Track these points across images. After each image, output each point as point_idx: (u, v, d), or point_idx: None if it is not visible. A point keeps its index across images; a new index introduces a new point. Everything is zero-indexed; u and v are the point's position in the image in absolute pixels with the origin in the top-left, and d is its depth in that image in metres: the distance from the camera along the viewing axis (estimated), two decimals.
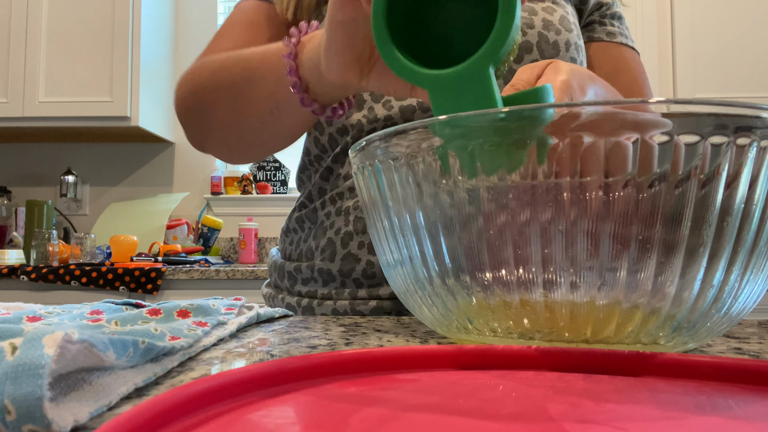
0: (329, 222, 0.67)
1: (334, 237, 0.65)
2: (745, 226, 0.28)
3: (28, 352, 0.19)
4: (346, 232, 0.64)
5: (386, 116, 0.64)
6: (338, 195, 0.67)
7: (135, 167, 2.74)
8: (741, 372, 0.25)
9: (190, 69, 0.64)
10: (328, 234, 0.66)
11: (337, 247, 0.65)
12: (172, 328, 0.34)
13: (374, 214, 0.36)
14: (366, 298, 0.64)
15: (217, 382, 0.21)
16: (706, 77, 2.40)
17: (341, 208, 0.66)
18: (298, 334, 0.42)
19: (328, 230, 0.66)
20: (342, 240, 0.65)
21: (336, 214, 0.66)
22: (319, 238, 0.68)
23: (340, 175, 0.68)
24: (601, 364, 0.27)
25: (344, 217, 0.65)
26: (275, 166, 2.70)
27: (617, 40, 0.75)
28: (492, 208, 0.29)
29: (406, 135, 0.31)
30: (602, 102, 0.27)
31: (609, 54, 0.75)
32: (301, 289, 0.69)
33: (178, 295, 2.01)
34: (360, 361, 0.26)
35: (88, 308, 0.43)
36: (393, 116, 0.64)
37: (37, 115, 2.33)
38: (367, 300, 0.64)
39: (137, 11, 2.37)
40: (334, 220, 0.66)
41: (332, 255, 0.65)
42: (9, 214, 2.55)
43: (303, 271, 0.68)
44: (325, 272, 0.66)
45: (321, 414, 0.20)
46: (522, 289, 0.29)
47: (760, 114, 0.26)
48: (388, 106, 0.65)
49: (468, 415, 0.20)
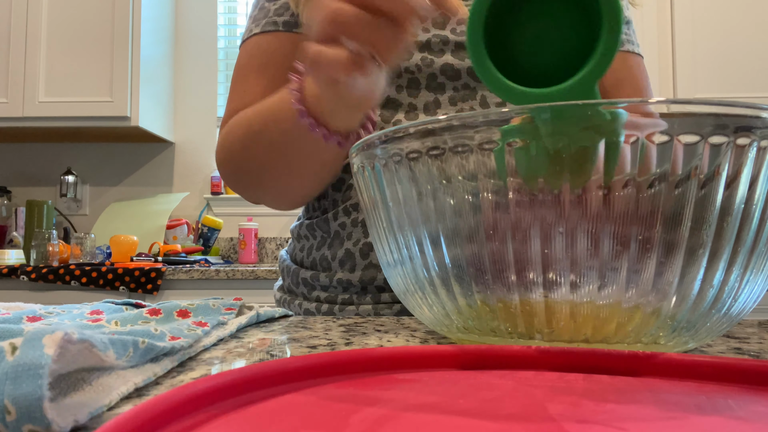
0: (345, 233, 0.67)
1: (353, 248, 0.66)
2: (745, 226, 0.28)
3: (28, 352, 0.19)
4: (366, 243, 0.65)
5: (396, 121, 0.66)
6: (353, 206, 0.67)
7: (135, 167, 2.74)
8: (741, 372, 0.25)
9: (224, 135, 0.65)
10: (345, 245, 0.66)
11: (357, 259, 0.65)
12: (172, 328, 0.34)
13: (374, 214, 0.36)
14: (390, 302, 0.64)
15: (217, 382, 0.21)
16: (706, 77, 2.39)
17: (357, 220, 0.66)
18: (298, 334, 0.42)
19: (346, 241, 0.66)
20: (361, 251, 0.65)
21: (352, 225, 0.66)
22: (335, 248, 0.67)
23: (352, 185, 0.68)
24: (601, 364, 0.27)
25: (362, 228, 0.66)
26: None
27: (622, 49, 0.72)
28: (492, 209, 0.29)
29: (407, 135, 0.31)
30: (604, 102, 0.27)
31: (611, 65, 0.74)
32: (320, 294, 0.68)
33: (178, 295, 2.01)
34: (360, 361, 0.26)
35: (88, 308, 0.43)
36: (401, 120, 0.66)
37: (37, 115, 2.33)
38: (390, 304, 0.64)
39: (137, 11, 2.37)
40: (351, 231, 0.66)
41: (352, 266, 0.66)
42: (9, 214, 2.55)
43: (321, 279, 0.68)
44: (345, 281, 0.66)
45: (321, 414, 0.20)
46: (522, 289, 0.29)
47: (760, 114, 0.26)
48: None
49: (468, 415, 0.20)
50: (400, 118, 0.65)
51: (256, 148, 0.59)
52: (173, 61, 2.72)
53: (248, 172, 0.63)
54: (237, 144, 0.62)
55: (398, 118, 0.66)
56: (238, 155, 0.62)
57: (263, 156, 0.59)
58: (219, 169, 0.66)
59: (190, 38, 2.74)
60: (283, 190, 0.64)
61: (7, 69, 2.35)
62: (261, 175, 0.62)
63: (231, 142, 0.63)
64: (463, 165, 0.29)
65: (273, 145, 0.57)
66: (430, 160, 0.30)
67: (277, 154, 0.58)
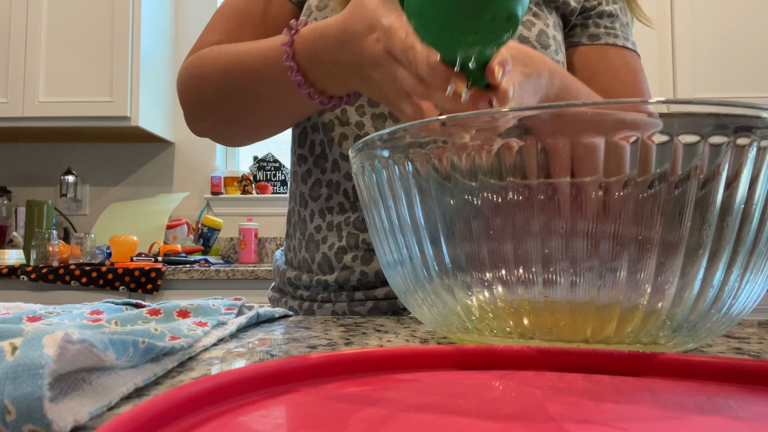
0: (320, 236, 0.69)
1: (329, 252, 0.68)
2: (745, 227, 0.28)
3: (28, 352, 0.19)
4: (340, 248, 0.67)
5: (358, 122, 0.66)
6: (328, 210, 0.68)
7: (135, 167, 2.74)
8: (741, 372, 0.25)
9: (191, 64, 0.65)
10: (322, 249, 0.68)
11: (333, 262, 0.67)
12: (172, 328, 0.34)
13: (374, 214, 0.36)
14: (363, 299, 0.66)
15: (217, 382, 0.21)
16: (706, 77, 2.39)
17: (332, 224, 0.68)
18: (298, 334, 0.42)
19: (321, 245, 0.68)
20: (336, 255, 0.67)
21: (327, 229, 0.68)
22: (312, 251, 0.69)
23: (321, 183, 0.69)
24: (601, 364, 0.27)
25: (336, 232, 0.67)
26: (275, 166, 2.70)
27: (601, 42, 0.70)
28: (492, 208, 0.29)
29: (407, 135, 0.31)
30: (602, 102, 0.27)
31: (587, 59, 0.71)
32: (303, 293, 0.71)
33: (178, 295, 2.01)
34: (360, 361, 0.26)
35: (88, 308, 0.43)
36: (364, 122, 0.66)
37: (37, 115, 2.33)
38: (363, 301, 0.66)
39: (137, 11, 2.37)
40: (326, 235, 0.68)
41: (330, 268, 0.68)
42: (9, 214, 2.55)
43: (303, 279, 0.70)
44: (323, 282, 0.68)
45: (321, 414, 0.20)
46: (522, 288, 0.29)
47: (760, 114, 0.26)
48: (360, 111, 0.66)
49: (468, 415, 0.20)
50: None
51: (231, 90, 0.60)
52: (173, 61, 2.72)
53: (212, 106, 0.63)
54: (209, 80, 0.62)
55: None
56: (210, 91, 0.62)
57: (235, 96, 0.60)
58: (180, 94, 0.66)
59: (190, 38, 2.73)
60: (244, 128, 0.65)
61: (7, 69, 2.35)
62: (227, 112, 0.62)
63: (203, 74, 0.63)
64: (463, 164, 0.29)
65: (249, 90, 0.58)
66: (429, 159, 0.30)
67: (252, 96, 0.59)
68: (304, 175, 0.71)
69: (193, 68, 0.64)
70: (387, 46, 0.42)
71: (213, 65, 0.62)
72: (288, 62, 0.52)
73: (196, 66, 0.64)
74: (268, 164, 2.70)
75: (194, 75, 0.64)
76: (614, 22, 0.72)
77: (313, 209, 0.70)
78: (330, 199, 0.68)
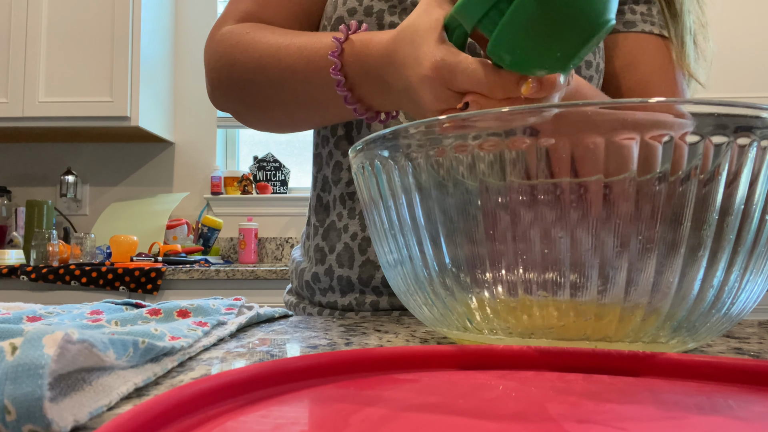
0: (342, 224, 0.64)
1: (351, 242, 0.63)
2: (745, 226, 0.28)
3: (28, 352, 0.19)
4: (364, 238, 0.63)
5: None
6: (348, 195, 0.64)
7: (135, 167, 2.74)
8: (741, 372, 0.25)
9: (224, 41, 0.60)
10: (343, 238, 0.64)
11: (355, 254, 0.63)
12: (172, 328, 0.34)
13: (374, 214, 0.36)
14: (388, 309, 0.62)
15: (217, 382, 0.21)
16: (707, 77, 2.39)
17: (354, 211, 0.64)
18: (298, 334, 0.42)
19: (343, 234, 0.64)
20: (360, 246, 0.63)
21: (349, 217, 0.64)
22: (333, 240, 0.65)
23: (342, 166, 0.65)
24: (601, 364, 0.27)
25: (359, 221, 0.63)
26: (275, 166, 2.70)
27: (637, 29, 0.66)
28: (492, 208, 0.29)
29: (407, 135, 0.31)
30: (606, 103, 0.27)
31: (622, 47, 0.66)
32: (321, 299, 0.67)
33: (178, 295, 2.01)
34: (360, 361, 0.26)
35: (88, 308, 0.43)
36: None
37: (37, 115, 2.33)
38: (389, 311, 0.62)
39: (137, 11, 2.37)
40: (347, 223, 0.64)
41: (350, 261, 0.63)
42: (9, 214, 2.55)
43: (321, 280, 0.66)
44: (344, 280, 0.64)
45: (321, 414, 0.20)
46: (522, 288, 0.29)
47: (760, 114, 0.26)
48: None
49: (468, 415, 0.20)
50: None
51: (266, 84, 0.56)
52: (173, 61, 2.72)
53: (241, 93, 0.59)
54: (240, 67, 0.58)
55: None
56: (241, 79, 0.58)
57: (269, 91, 0.56)
58: (208, 71, 0.62)
59: (190, 38, 2.73)
60: (275, 123, 0.61)
61: (7, 69, 2.35)
62: (259, 104, 0.59)
63: (234, 59, 0.58)
64: (463, 164, 0.29)
65: (286, 89, 0.55)
66: (430, 159, 0.30)
67: (290, 97, 0.55)
68: (327, 157, 0.67)
69: (224, 49, 0.59)
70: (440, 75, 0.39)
71: (245, 52, 0.57)
72: (335, 75, 0.48)
73: (228, 47, 0.59)
74: (268, 164, 2.70)
75: (223, 56, 0.59)
76: (651, 8, 0.68)
77: (335, 194, 0.65)
78: (351, 183, 0.64)
